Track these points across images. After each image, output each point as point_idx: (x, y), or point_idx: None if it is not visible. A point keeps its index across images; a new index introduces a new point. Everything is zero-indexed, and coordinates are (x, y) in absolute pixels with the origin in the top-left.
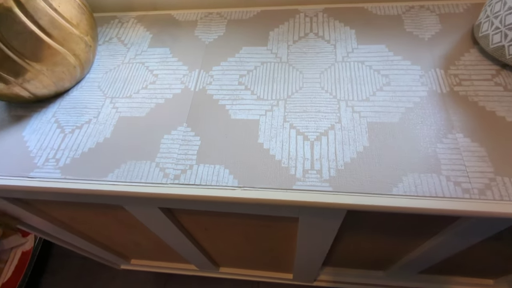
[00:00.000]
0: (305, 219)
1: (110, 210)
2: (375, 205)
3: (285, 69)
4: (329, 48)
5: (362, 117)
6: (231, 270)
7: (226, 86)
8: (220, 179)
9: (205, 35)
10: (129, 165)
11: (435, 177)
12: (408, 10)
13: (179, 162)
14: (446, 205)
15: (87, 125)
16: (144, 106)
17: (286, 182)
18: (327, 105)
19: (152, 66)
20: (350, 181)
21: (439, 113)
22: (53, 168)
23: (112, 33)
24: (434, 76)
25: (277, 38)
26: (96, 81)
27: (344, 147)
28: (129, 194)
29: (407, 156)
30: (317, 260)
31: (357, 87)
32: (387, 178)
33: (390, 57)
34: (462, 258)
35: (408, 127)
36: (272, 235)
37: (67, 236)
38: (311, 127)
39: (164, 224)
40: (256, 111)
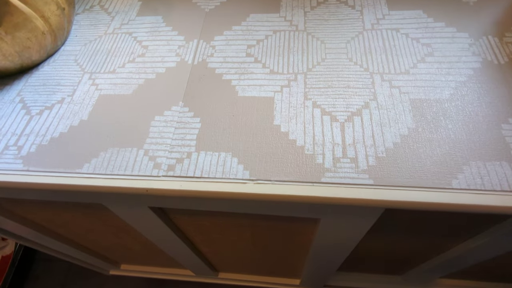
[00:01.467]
0: (329, 221)
1: (92, 210)
2: (431, 202)
3: (302, 38)
4: (355, 15)
5: (403, 93)
6: (231, 275)
7: (231, 58)
8: (227, 170)
9: (204, 2)
10: (111, 153)
11: (505, 166)
12: None
13: (174, 149)
14: None
15: (59, 105)
16: (130, 83)
17: (312, 173)
18: (358, 80)
19: (141, 37)
20: (395, 172)
21: (499, 87)
22: (13, 158)
23: (94, 1)
24: (487, 45)
25: (291, 3)
26: (73, 54)
27: (384, 130)
28: (111, 190)
29: (466, 140)
30: (333, 266)
31: (393, 58)
32: (442, 167)
33: (430, 23)
34: (491, 261)
35: (462, 105)
36: (283, 239)
37: (46, 240)
38: (339, 105)
39: (156, 226)
40: (270, 87)
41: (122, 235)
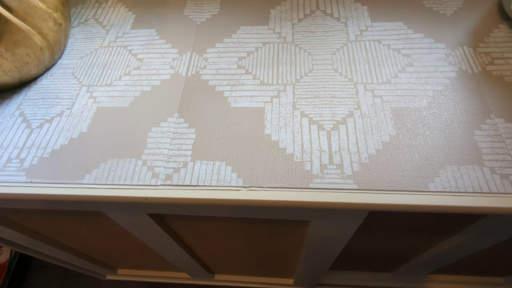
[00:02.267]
0: (318, 223)
1: (90, 217)
2: (410, 205)
3: (291, 50)
4: (339, 27)
5: (385, 102)
6: (226, 277)
7: (223, 70)
8: (221, 178)
9: (196, 15)
10: (110, 164)
11: (477, 170)
12: None
13: (171, 159)
14: (496, 202)
15: (59, 118)
16: (127, 95)
17: (301, 179)
18: (343, 89)
19: (136, 50)
20: (377, 176)
21: (473, 95)
22: (16, 170)
23: (88, 14)
24: (462, 55)
25: (279, 16)
26: (70, 67)
27: (367, 137)
28: (111, 199)
29: (442, 145)
30: (324, 265)
31: (375, 68)
32: (420, 172)
33: (410, 35)
34: (474, 256)
35: (438, 112)
36: (276, 241)
37: (44, 247)
38: (325, 114)
39: (153, 231)
40: (261, 97)
41: (119, 241)
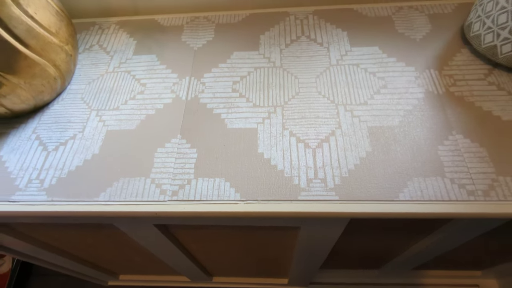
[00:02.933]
0: (307, 228)
1: (100, 228)
2: (383, 213)
3: (279, 74)
4: (322, 51)
5: (362, 121)
6: (224, 279)
7: (219, 93)
8: (221, 193)
9: (193, 41)
10: (122, 182)
11: (439, 181)
12: (398, 11)
13: (176, 177)
14: (453, 208)
15: (72, 141)
16: (133, 118)
17: (290, 192)
18: (326, 110)
19: (139, 75)
20: (356, 188)
21: (437, 114)
22: (37, 190)
23: (93, 40)
24: (429, 77)
25: (268, 42)
26: (79, 92)
27: (347, 154)
28: (125, 214)
29: (410, 160)
30: (315, 265)
31: (354, 90)
32: (392, 183)
33: (384, 59)
34: (453, 253)
35: (408, 130)
36: (270, 244)
37: (51, 257)
38: (311, 133)
39: (158, 239)
40: (254, 119)
41: (124, 249)
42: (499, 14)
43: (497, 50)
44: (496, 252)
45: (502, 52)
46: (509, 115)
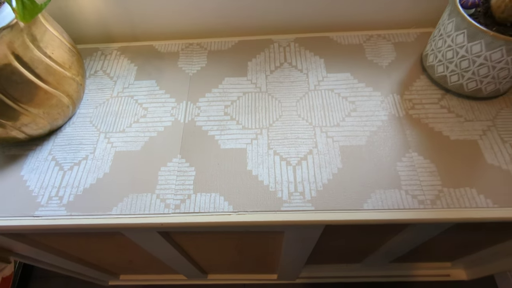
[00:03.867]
0: (290, 233)
1: (106, 235)
2: (350, 220)
3: (265, 98)
4: (302, 77)
5: (335, 141)
6: (219, 276)
7: (213, 117)
8: (216, 206)
9: (188, 67)
10: (131, 198)
11: (396, 192)
12: (368, 39)
13: (178, 193)
14: (407, 215)
15: (85, 161)
16: (138, 140)
17: (274, 204)
18: (305, 132)
19: (141, 99)
20: (328, 200)
21: (398, 135)
22: (57, 206)
23: (97, 66)
24: (392, 101)
25: (255, 68)
26: (88, 116)
27: (322, 170)
28: (134, 226)
29: (374, 175)
30: (300, 262)
31: (329, 113)
32: (358, 195)
33: (355, 84)
34: (424, 247)
35: (373, 149)
36: (259, 245)
37: (56, 260)
38: (292, 153)
39: (159, 244)
40: (243, 140)
41: (126, 252)
42: (447, 51)
43: (447, 79)
44: (462, 246)
45: (451, 81)
46: (456, 135)
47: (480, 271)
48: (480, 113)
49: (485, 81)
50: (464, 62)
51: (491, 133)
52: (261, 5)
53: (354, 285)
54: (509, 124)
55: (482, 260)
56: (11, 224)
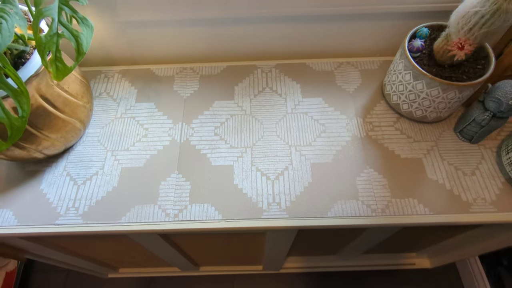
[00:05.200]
0: (270, 234)
1: (114, 238)
2: (317, 225)
3: (249, 120)
4: (281, 101)
5: (307, 159)
6: (210, 268)
7: (205, 137)
8: (208, 215)
9: (182, 90)
10: (137, 208)
11: (354, 202)
12: (339, 66)
13: (176, 204)
14: (361, 221)
15: (96, 177)
16: (141, 158)
17: (256, 213)
18: (282, 150)
19: (142, 120)
20: (300, 209)
21: (359, 153)
22: (74, 216)
23: (101, 88)
24: (356, 124)
25: (241, 92)
26: (95, 135)
27: (295, 184)
28: (140, 232)
29: (337, 188)
30: (281, 255)
31: (302, 134)
32: (324, 205)
33: (325, 108)
34: (391, 241)
35: (337, 166)
36: (246, 242)
37: (66, 258)
38: (271, 169)
39: (159, 243)
40: (230, 158)
41: (128, 250)
42: (399, 85)
43: (400, 107)
44: (424, 239)
45: (403, 108)
46: (405, 153)
47: (442, 259)
48: (426, 134)
49: (429, 110)
50: (411, 95)
51: (433, 152)
52: (246, 35)
53: (331, 274)
54: (448, 145)
55: (443, 250)
56: (36, 231)
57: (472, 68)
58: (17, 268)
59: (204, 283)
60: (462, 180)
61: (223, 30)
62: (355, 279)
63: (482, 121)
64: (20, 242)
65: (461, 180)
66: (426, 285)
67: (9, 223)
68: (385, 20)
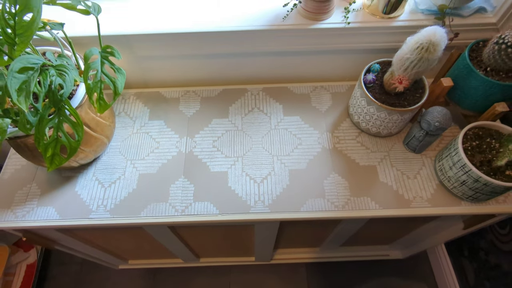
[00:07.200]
0: (258, 226)
1: (132, 230)
2: (293, 218)
3: (241, 135)
4: (266, 119)
5: (286, 166)
6: (209, 259)
7: (205, 148)
8: (208, 210)
9: (187, 110)
10: (153, 205)
11: (321, 200)
12: (314, 89)
13: (183, 202)
14: (326, 214)
15: (119, 181)
16: (154, 165)
17: (245, 209)
18: (266, 159)
19: (154, 135)
20: (280, 205)
21: (327, 162)
22: (104, 211)
23: (120, 108)
24: (325, 138)
25: (234, 111)
26: (117, 148)
27: (276, 186)
28: (155, 224)
29: (309, 189)
30: (269, 247)
31: (283, 146)
32: (298, 202)
33: (302, 125)
34: (365, 234)
35: (309, 171)
36: (238, 233)
37: (88, 249)
38: (257, 174)
39: (167, 234)
40: (225, 165)
41: (138, 239)
42: (358, 107)
43: (360, 124)
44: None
45: (362, 126)
46: (364, 162)
47: (410, 250)
48: (381, 146)
49: (381, 128)
50: (367, 116)
51: (385, 160)
52: (238, 65)
53: (316, 264)
54: (398, 154)
55: (410, 242)
56: (73, 224)
57: (412, 96)
58: (37, 261)
59: (203, 273)
60: (406, 183)
61: (219, 61)
62: (336, 268)
63: (419, 137)
64: (55, 234)
65: (405, 182)
66: (401, 274)
67: (53, 217)
68: (351, 54)
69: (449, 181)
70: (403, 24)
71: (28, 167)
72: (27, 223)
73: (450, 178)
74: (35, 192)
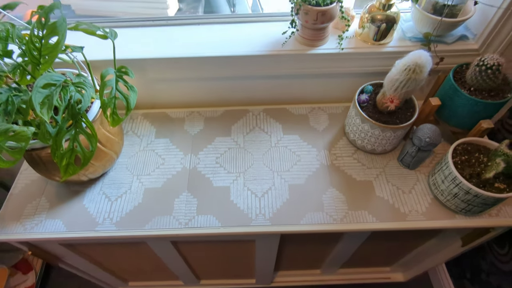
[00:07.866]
0: (259, 240)
1: (134, 245)
2: (292, 230)
3: (242, 152)
4: (267, 138)
5: (286, 181)
6: (209, 281)
7: (208, 165)
8: (210, 223)
9: (191, 129)
10: (157, 219)
11: (320, 213)
12: (311, 110)
13: (187, 215)
14: (325, 227)
15: (125, 195)
16: (159, 180)
17: (246, 222)
18: (267, 175)
19: (160, 153)
20: (280, 218)
21: (325, 177)
22: (110, 224)
23: (128, 127)
24: (323, 155)
25: (236, 130)
26: (124, 164)
27: (277, 200)
28: (159, 236)
29: (308, 203)
30: (270, 263)
31: (283, 163)
32: (297, 215)
33: (301, 143)
34: (365, 253)
35: (308, 186)
36: (239, 250)
37: (89, 267)
38: (258, 189)
39: (169, 250)
40: (228, 180)
41: (140, 259)
42: (353, 126)
43: (356, 142)
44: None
45: (357, 143)
46: (360, 177)
47: (412, 272)
48: (377, 163)
49: (375, 145)
50: (362, 134)
51: (381, 176)
52: (240, 87)
53: (317, 287)
54: (393, 170)
55: (412, 263)
56: (80, 236)
57: (403, 114)
58: (35, 285)
59: None
60: (402, 197)
61: (222, 84)
62: None
63: (412, 153)
64: (59, 248)
65: (401, 197)
66: None
67: (60, 229)
68: (345, 77)
69: (442, 194)
70: (392, 50)
71: (38, 182)
72: (34, 235)
73: (443, 192)
74: (44, 206)
